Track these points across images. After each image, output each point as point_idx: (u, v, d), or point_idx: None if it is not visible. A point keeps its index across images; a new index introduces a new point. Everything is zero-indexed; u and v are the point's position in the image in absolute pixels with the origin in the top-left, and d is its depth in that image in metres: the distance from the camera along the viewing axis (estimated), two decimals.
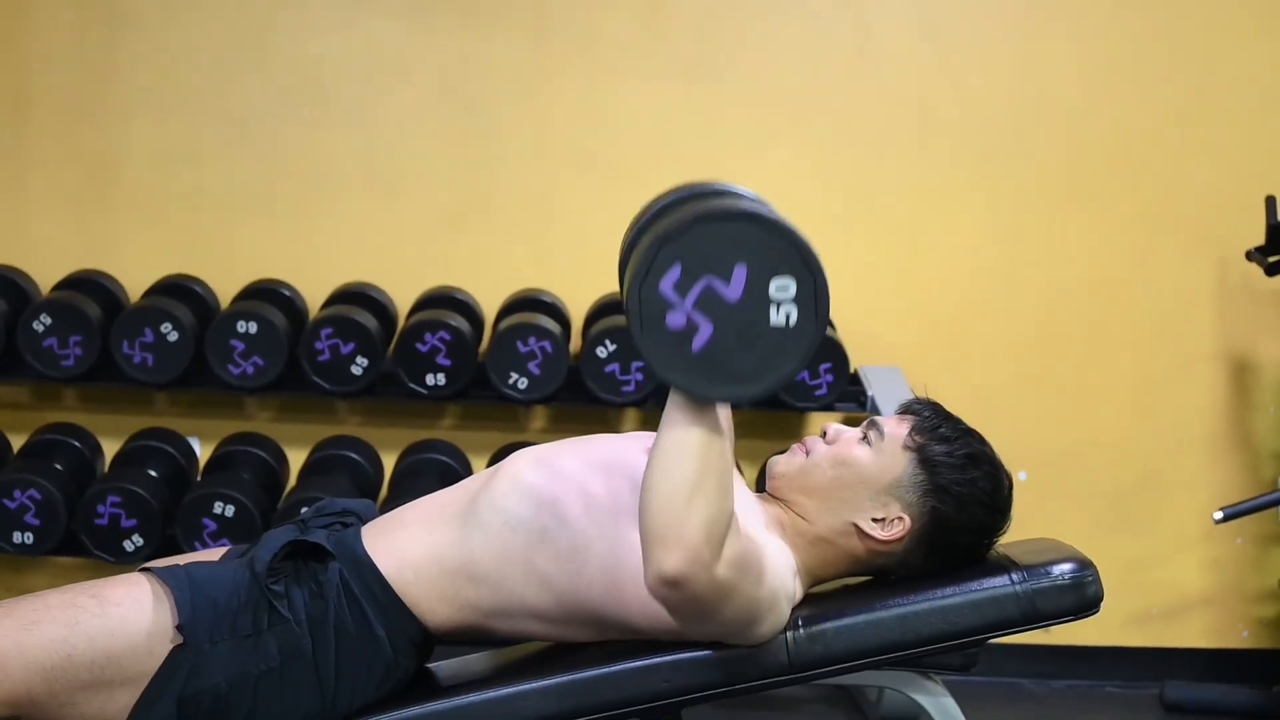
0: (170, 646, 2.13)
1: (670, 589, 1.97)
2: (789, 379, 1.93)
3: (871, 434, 2.27)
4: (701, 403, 1.96)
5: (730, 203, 1.94)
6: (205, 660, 2.13)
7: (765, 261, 1.89)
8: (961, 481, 2.23)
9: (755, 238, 1.90)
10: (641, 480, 1.99)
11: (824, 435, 2.30)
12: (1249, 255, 4.24)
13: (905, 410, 2.33)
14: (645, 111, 4.47)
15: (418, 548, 2.22)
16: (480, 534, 2.20)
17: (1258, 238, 4.26)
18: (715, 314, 1.89)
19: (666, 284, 1.89)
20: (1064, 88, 4.50)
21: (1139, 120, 4.50)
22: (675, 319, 1.89)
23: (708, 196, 2.01)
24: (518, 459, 2.27)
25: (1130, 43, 4.49)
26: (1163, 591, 4.55)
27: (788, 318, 1.89)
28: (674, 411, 1.96)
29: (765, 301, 1.89)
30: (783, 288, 1.89)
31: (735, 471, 2.10)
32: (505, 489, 2.22)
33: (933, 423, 2.28)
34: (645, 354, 1.91)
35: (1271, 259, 4.18)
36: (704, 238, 1.89)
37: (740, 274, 1.89)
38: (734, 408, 2.19)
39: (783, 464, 2.30)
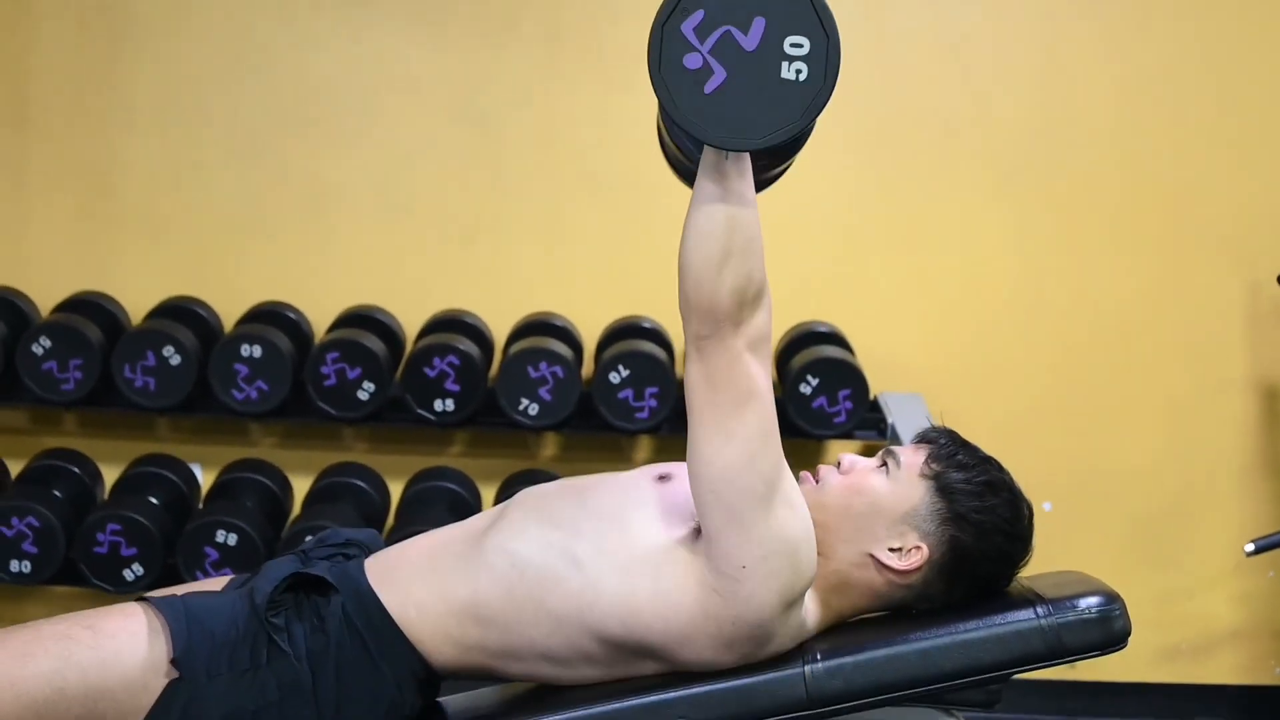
0: (166, 680, 2.12)
1: (698, 350, 2.07)
2: (790, 132, 2.00)
3: (889, 462, 2.26)
4: (728, 172, 2.04)
5: None
6: (202, 694, 2.12)
7: (785, 18, 1.97)
8: (980, 509, 2.21)
9: None
10: (678, 260, 2.08)
11: (838, 465, 2.29)
12: None
13: (921, 439, 2.32)
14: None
15: (422, 587, 2.22)
16: (486, 575, 2.20)
17: None
18: (730, 61, 1.97)
19: (688, 26, 1.97)
20: (1090, 106, 4.49)
21: (1166, 140, 4.50)
22: (692, 60, 1.98)
23: None
24: (523, 499, 2.29)
25: (1158, 59, 4.48)
26: (1192, 626, 4.54)
27: (798, 73, 1.97)
28: (703, 185, 2.05)
29: (779, 55, 1.97)
30: (797, 44, 1.97)
31: None
32: (512, 530, 2.22)
33: (949, 450, 2.26)
34: (659, 91, 1.99)
35: None
36: None
37: (759, 25, 1.97)
38: None
39: None
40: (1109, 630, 2.19)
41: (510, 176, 4.48)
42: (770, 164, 2.18)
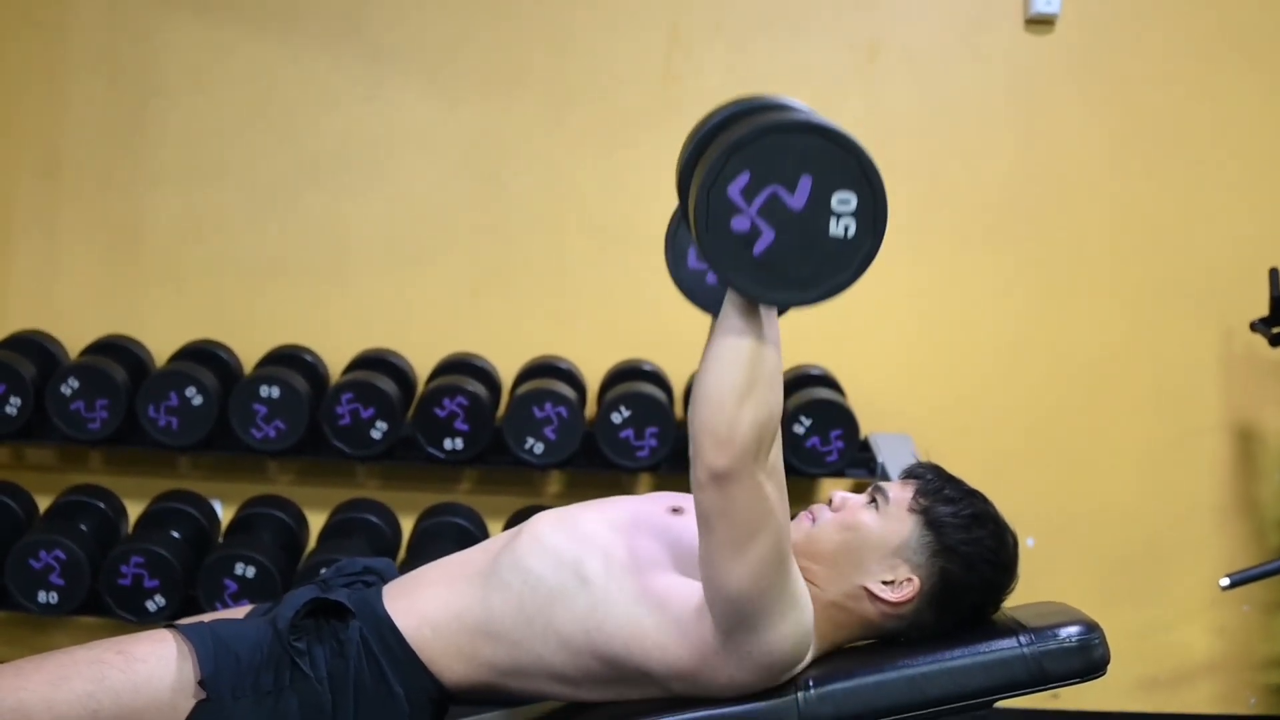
0: (194, 702, 2.17)
1: (716, 484, 2.00)
2: (842, 289, 1.94)
3: (878, 498, 2.28)
4: (755, 308, 1.99)
5: (801, 116, 1.96)
6: (228, 715, 2.17)
7: (831, 174, 1.91)
8: (968, 540, 2.24)
9: (823, 151, 1.92)
10: (693, 389, 2.02)
11: (830, 503, 2.31)
12: (1253, 326, 4.26)
13: (908, 475, 2.34)
14: (660, 183, 4.46)
15: (438, 606, 2.26)
16: (500, 593, 2.23)
17: (1261, 309, 4.29)
18: (778, 221, 1.92)
19: (734, 189, 1.91)
20: (1072, 165, 4.52)
21: (1144, 196, 4.52)
22: (740, 223, 1.92)
23: (772, 109, 2.02)
24: (540, 520, 2.31)
25: (1136, 121, 4.52)
26: (1170, 657, 4.55)
27: (846, 229, 1.92)
28: (729, 319, 1.99)
29: (827, 212, 1.92)
30: (844, 201, 1.92)
31: None
32: (527, 549, 2.25)
33: (936, 485, 2.28)
34: (707, 254, 1.93)
35: (1275, 330, 4.19)
36: (774, 148, 1.92)
37: (805, 184, 1.91)
38: None
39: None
40: (1089, 658, 2.20)
41: (517, 227, 4.50)
42: None
